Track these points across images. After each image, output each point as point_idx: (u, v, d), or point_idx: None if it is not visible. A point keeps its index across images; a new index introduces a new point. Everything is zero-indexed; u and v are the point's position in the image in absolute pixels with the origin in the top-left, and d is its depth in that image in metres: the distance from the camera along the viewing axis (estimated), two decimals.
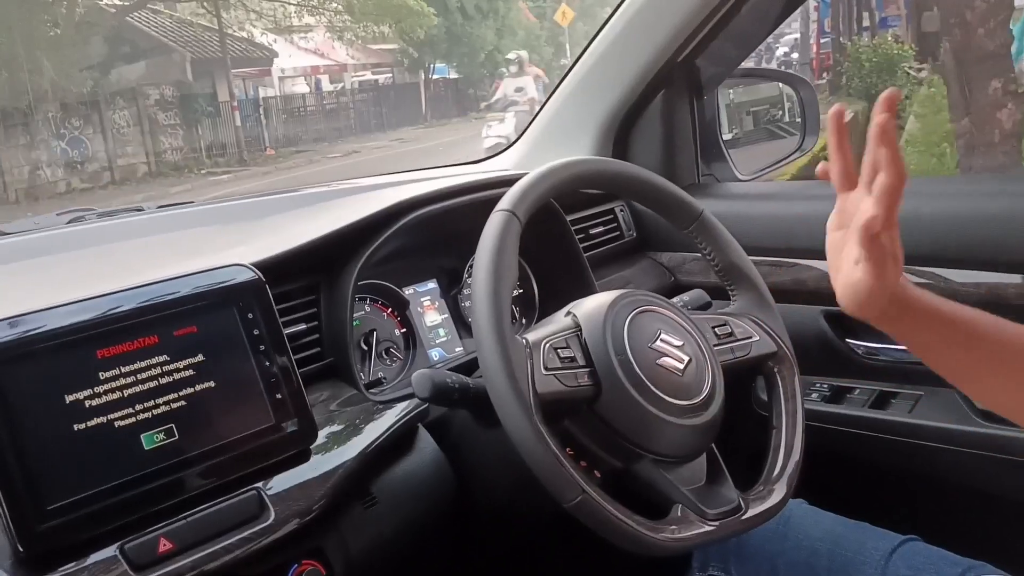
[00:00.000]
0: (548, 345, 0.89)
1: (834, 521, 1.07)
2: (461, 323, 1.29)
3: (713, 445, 0.96)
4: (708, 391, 0.94)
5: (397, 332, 1.21)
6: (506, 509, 1.07)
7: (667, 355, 0.92)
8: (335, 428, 0.97)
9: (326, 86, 22.75)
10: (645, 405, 0.89)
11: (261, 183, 14.14)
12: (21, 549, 0.72)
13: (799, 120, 1.60)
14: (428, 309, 1.26)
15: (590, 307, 0.95)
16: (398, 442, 1.00)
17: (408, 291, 1.24)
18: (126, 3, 16.82)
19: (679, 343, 0.93)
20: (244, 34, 18.87)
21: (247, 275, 0.91)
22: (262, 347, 0.89)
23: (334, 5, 18.87)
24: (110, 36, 16.20)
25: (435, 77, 24.83)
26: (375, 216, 1.08)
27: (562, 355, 0.89)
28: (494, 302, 0.84)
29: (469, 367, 1.12)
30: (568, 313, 0.96)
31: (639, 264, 1.49)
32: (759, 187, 1.55)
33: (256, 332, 0.89)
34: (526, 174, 0.96)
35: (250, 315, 0.89)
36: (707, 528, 0.87)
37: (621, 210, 1.49)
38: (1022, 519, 1.02)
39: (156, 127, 16.11)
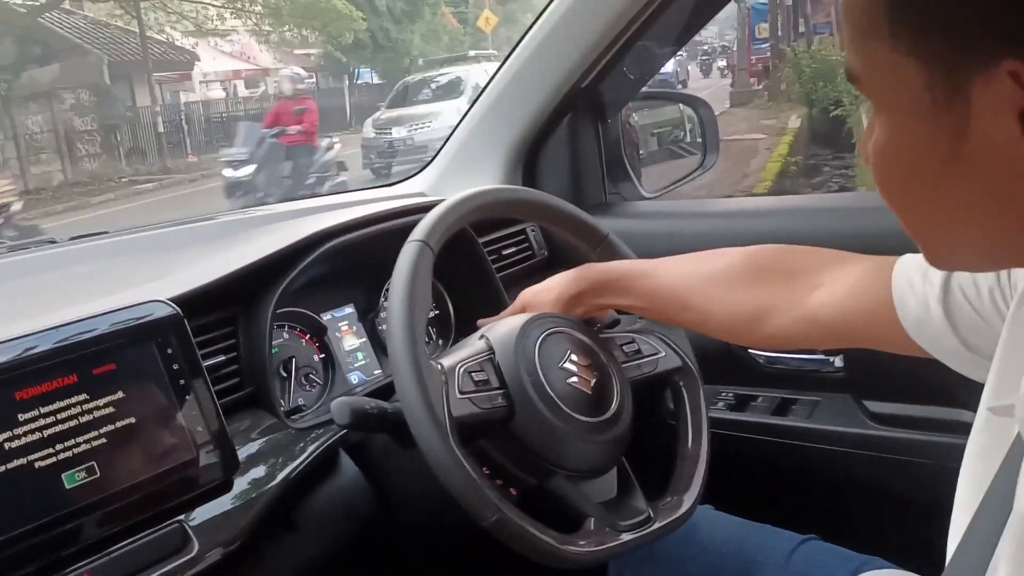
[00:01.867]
0: (463, 369, 0.94)
1: (738, 525, 1.15)
2: (379, 346, 1.33)
3: (624, 459, 1.03)
4: (616, 407, 1.00)
5: (316, 358, 1.25)
6: (429, 526, 1.12)
7: (576, 374, 0.98)
8: (257, 457, 1.00)
9: (242, 91, 22.37)
10: (556, 423, 0.95)
11: (187, 191, 13.80)
12: None
13: (699, 140, 1.69)
14: (346, 333, 1.30)
15: (502, 331, 1.00)
16: (319, 467, 1.04)
17: (326, 316, 1.28)
18: (38, 2, 16.20)
19: (587, 363, 1.00)
20: (164, 37, 18.41)
21: (165, 310, 0.93)
22: (182, 381, 0.92)
23: (259, 8, 18.54)
24: (21, 36, 15.58)
25: (359, 82, 24.67)
26: (290, 248, 1.12)
27: (476, 378, 0.94)
28: (408, 331, 0.89)
29: (388, 389, 1.17)
30: (481, 337, 1.01)
31: None
32: (663, 205, 1.63)
33: (175, 367, 0.92)
34: (439, 202, 1.01)
35: (169, 350, 0.92)
36: (618, 540, 0.93)
37: (532, 230, 1.55)
38: (908, 515, 1.11)
39: (72, 133, 15.58)
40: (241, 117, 17.19)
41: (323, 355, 1.26)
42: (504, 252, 1.48)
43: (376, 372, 1.31)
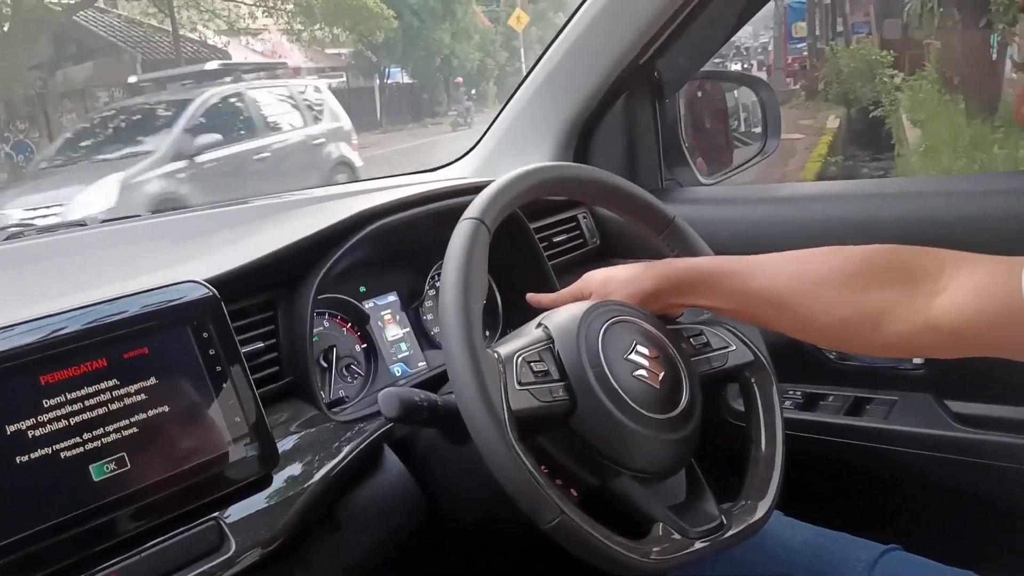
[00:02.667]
0: (521, 359, 0.87)
1: (813, 532, 1.07)
2: (423, 337, 1.26)
3: (692, 459, 0.95)
4: (687, 403, 0.93)
5: (358, 348, 1.19)
6: (478, 528, 1.05)
7: (644, 367, 0.91)
8: (297, 451, 0.94)
9: None
10: (622, 419, 0.87)
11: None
12: None
13: (759, 124, 1.60)
14: (389, 323, 1.24)
15: (562, 318, 0.93)
16: (363, 464, 0.98)
17: (368, 305, 1.21)
18: (73, 1, 16.37)
19: (655, 355, 0.92)
20: (197, 35, 18.50)
21: (201, 292, 0.87)
22: (218, 368, 0.86)
23: (290, 6, 18.59)
24: (57, 35, 15.73)
25: (389, 81, 24.71)
26: (334, 228, 1.05)
27: (535, 369, 0.87)
28: (464, 315, 0.82)
29: (432, 383, 1.10)
30: (539, 325, 0.94)
31: None
32: (723, 191, 1.55)
33: (212, 352, 0.86)
34: (490, 182, 0.94)
35: (205, 334, 0.86)
36: (691, 548, 0.86)
37: (584, 217, 1.48)
38: (1002, 523, 1.02)
39: None
40: None
41: (365, 345, 1.19)
42: (555, 239, 1.40)
43: (420, 364, 1.24)
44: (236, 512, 0.84)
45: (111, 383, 0.79)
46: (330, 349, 1.13)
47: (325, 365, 1.12)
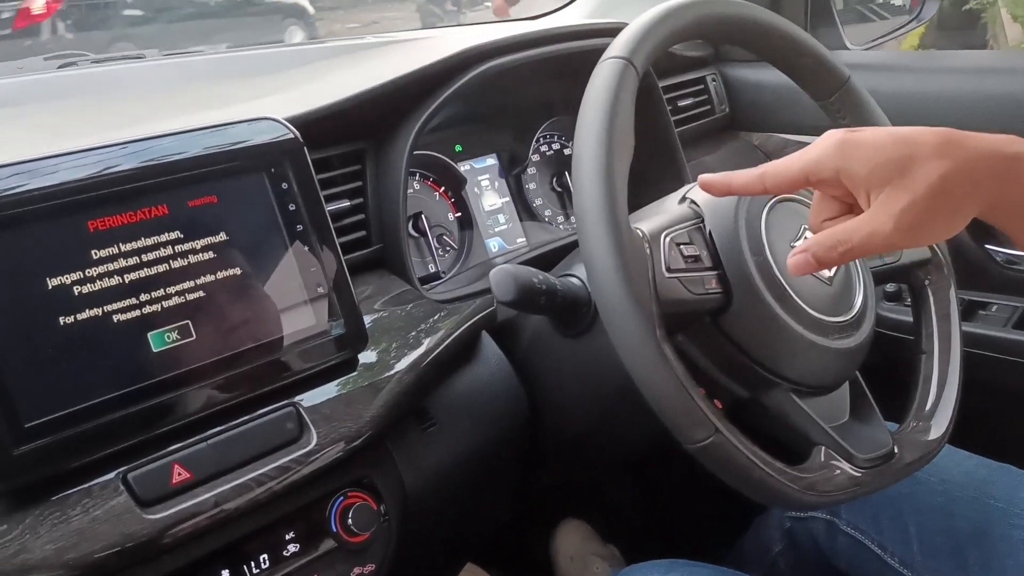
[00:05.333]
0: (669, 239, 0.72)
1: (975, 463, 0.93)
2: (524, 209, 1.11)
3: (858, 373, 0.81)
4: (860, 305, 0.78)
5: (451, 216, 1.04)
6: (585, 438, 0.93)
7: None
8: (386, 332, 0.81)
9: None
10: (787, 320, 0.73)
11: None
12: None
13: None
14: (486, 190, 1.09)
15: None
16: (459, 351, 0.85)
17: (464, 167, 1.06)
18: None
19: None
20: None
21: (281, 132, 0.73)
22: (299, 227, 0.72)
23: None
24: None
25: None
26: (439, 65, 0.89)
27: (686, 253, 0.72)
28: (607, 178, 0.66)
29: (533, 264, 0.97)
30: (684, 200, 0.79)
31: (730, 145, 1.31)
32: (875, 57, 1.34)
33: (292, 207, 0.72)
34: (620, 24, 0.76)
35: (284, 184, 0.72)
36: (859, 479, 0.72)
37: (713, 79, 1.30)
38: None
39: None
40: None
41: (459, 214, 1.05)
42: (680, 104, 1.22)
43: (519, 241, 1.10)
44: (317, 399, 0.72)
45: (173, 235, 0.66)
46: (418, 216, 0.99)
47: (415, 234, 0.98)
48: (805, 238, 0.76)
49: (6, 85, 0.98)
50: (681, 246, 0.72)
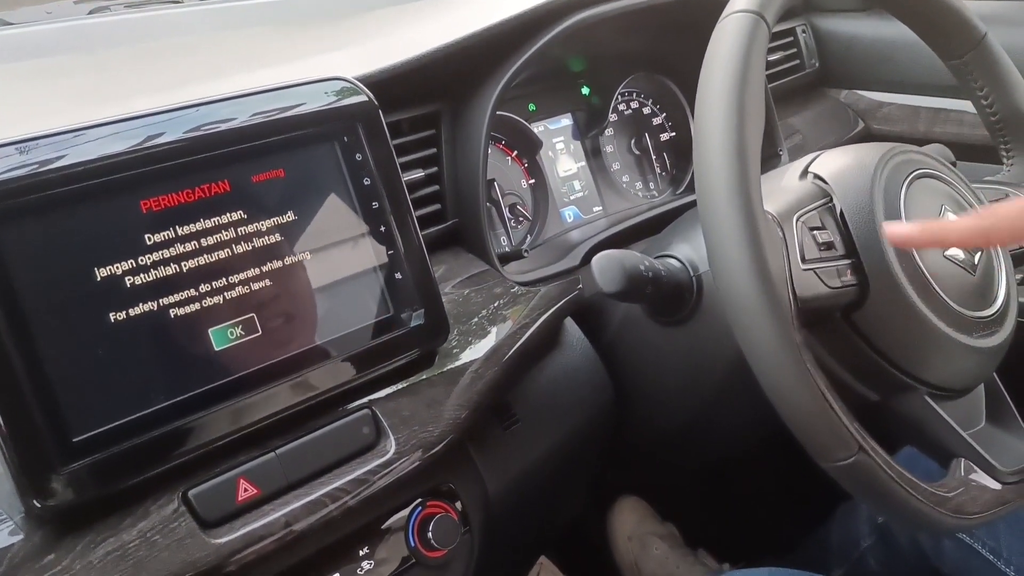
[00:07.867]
0: (800, 222, 0.63)
1: None
2: (601, 173, 1.02)
3: (995, 374, 0.72)
4: (1004, 298, 0.69)
5: (524, 183, 0.95)
6: (678, 435, 0.85)
7: None
8: (465, 320, 0.72)
9: None
10: (928, 316, 0.64)
11: None
12: (37, 503, 0.49)
13: None
14: (561, 154, 0.99)
15: (843, 166, 0.68)
16: (544, 340, 0.77)
17: (538, 128, 0.96)
18: None
19: None
20: None
21: (353, 95, 0.64)
22: (374, 204, 0.64)
23: None
24: None
25: None
26: (525, 16, 0.79)
27: (819, 240, 0.63)
28: (739, 153, 0.57)
29: (617, 240, 0.88)
30: (806, 173, 0.69)
31: (820, 105, 1.20)
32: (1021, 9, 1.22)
33: (367, 182, 0.63)
34: None
35: (358, 156, 0.63)
36: (1002, 494, 0.64)
37: (803, 31, 1.19)
38: None
39: None
40: None
41: (532, 180, 0.96)
42: (768, 58, 1.12)
43: (596, 209, 1.01)
44: (394, 400, 0.64)
45: (236, 216, 0.58)
46: (491, 184, 0.90)
47: (489, 205, 0.89)
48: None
49: (34, 33, 0.89)
50: (815, 231, 0.63)
